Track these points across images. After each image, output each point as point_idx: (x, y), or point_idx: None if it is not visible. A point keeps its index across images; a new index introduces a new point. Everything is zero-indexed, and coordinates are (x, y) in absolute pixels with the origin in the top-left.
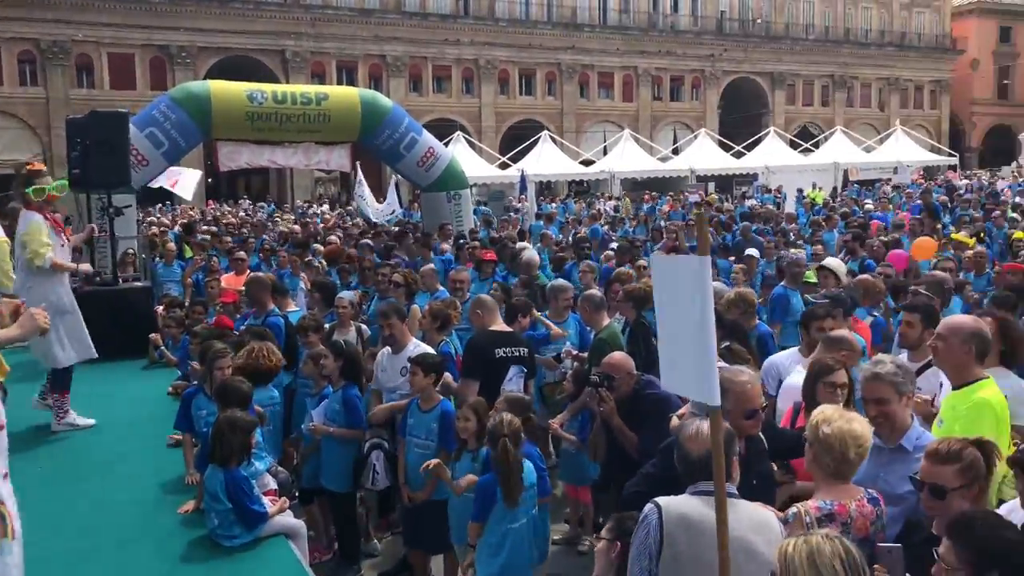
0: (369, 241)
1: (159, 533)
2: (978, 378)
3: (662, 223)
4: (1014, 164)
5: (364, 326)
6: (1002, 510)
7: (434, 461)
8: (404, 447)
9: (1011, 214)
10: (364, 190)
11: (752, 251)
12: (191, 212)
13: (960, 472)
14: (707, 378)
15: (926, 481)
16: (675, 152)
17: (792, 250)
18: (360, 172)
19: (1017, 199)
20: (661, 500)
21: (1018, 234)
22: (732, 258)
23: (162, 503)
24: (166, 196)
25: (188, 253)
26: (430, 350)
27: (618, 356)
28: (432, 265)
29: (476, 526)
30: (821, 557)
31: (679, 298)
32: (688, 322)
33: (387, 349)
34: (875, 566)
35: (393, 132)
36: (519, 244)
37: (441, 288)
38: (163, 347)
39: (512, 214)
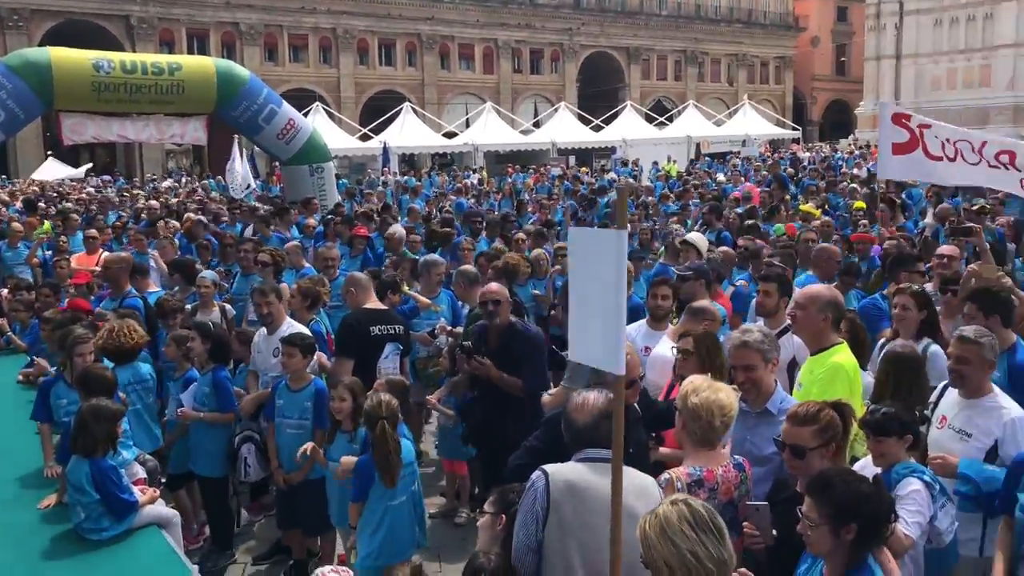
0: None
1: (18, 531)
2: (833, 344)
3: (526, 197)
4: (851, 137)
5: (228, 306)
6: (856, 466)
7: (309, 445)
8: (274, 430)
9: (851, 185)
10: (237, 164)
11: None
12: (33, 187)
13: (818, 433)
14: (614, 349)
15: (787, 442)
16: (536, 125)
17: (674, 225)
18: (237, 146)
19: (855, 171)
20: (548, 467)
21: (858, 204)
22: None
23: (20, 499)
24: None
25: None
26: (304, 329)
27: (495, 284)
28: (297, 242)
29: (356, 507)
30: (670, 526)
31: (594, 270)
32: (601, 294)
33: (263, 330)
34: (744, 523)
35: (251, 104)
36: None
37: (307, 265)
38: (10, 333)
39: (378, 187)
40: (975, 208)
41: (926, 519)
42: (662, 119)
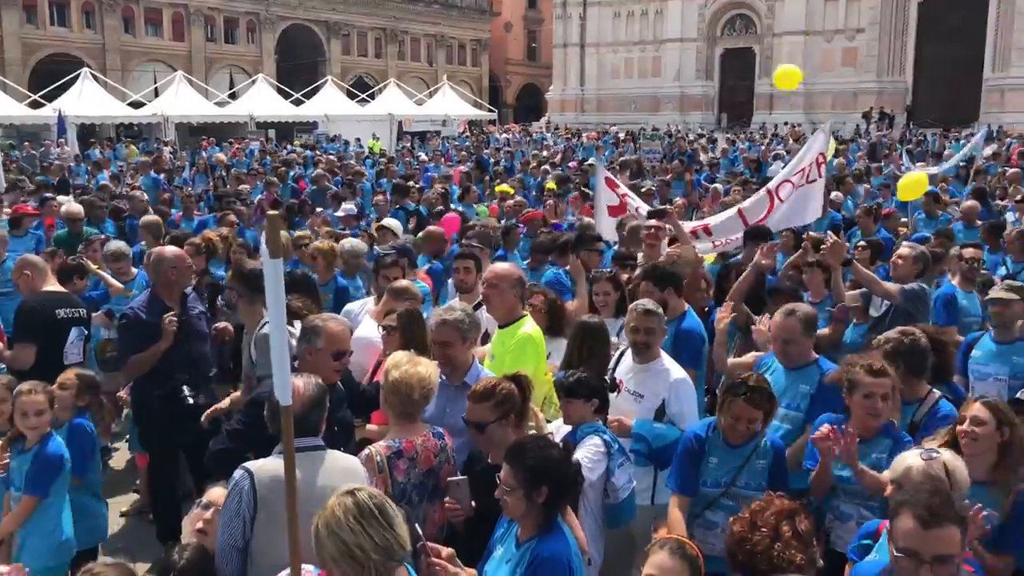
0: None
1: None
2: (521, 316)
3: (223, 173)
4: (543, 119)
5: None
6: (551, 427)
7: None
8: None
9: (544, 166)
10: None
11: (350, 206)
12: None
13: (495, 407)
14: (281, 378)
15: (469, 419)
16: (232, 97)
17: (379, 198)
18: None
19: (545, 153)
20: (251, 465)
21: (550, 184)
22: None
23: None
24: None
25: None
26: None
27: None
28: None
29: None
30: (336, 522)
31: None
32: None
33: None
34: (445, 499)
35: None
36: (60, 197)
37: None
38: None
39: (52, 160)
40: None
41: (600, 469)
42: (364, 96)
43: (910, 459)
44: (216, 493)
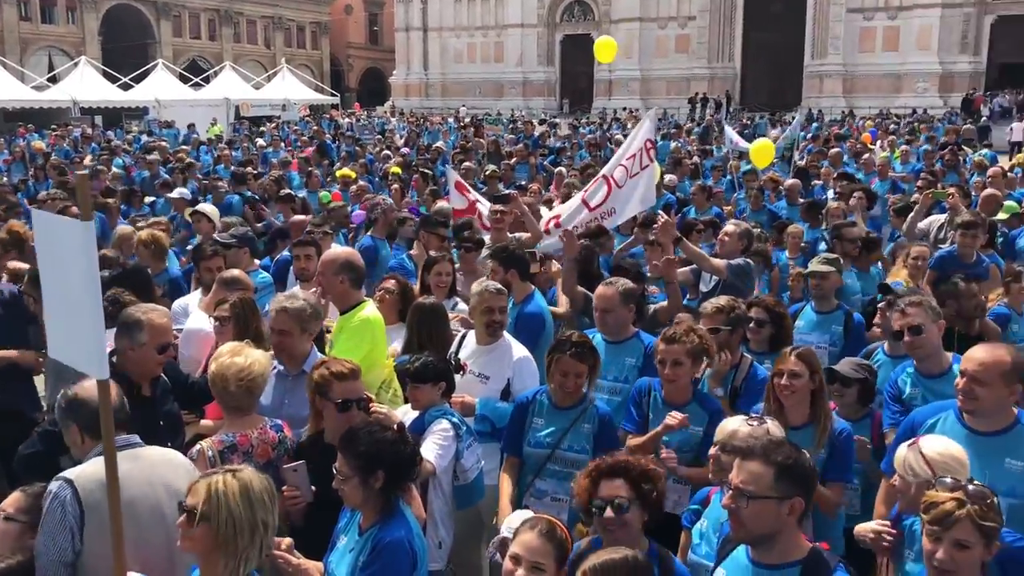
0: None
1: None
2: (359, 302)
3: (39, 160)
4: (388, 104)
5: None
6: (399, 412)
7: None
8: None
9: (385, 151)
10: None
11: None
12: None
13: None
14: (95, 350)
15: (345, 398)
16: (52, 81)
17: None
18: None
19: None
20: (69, 474)
21: (395, 169)
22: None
23: None
24: None
25: None
26: None
27: None
28: None
29: None
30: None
31: (64, 263)
32: (74, 289)
33: None
34: (283, 488)
35: None
36: None
37: None
38: None
39: None
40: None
41: (450, 452)
42: (198, 80)
43: (734, 423)
44: (11, 500)
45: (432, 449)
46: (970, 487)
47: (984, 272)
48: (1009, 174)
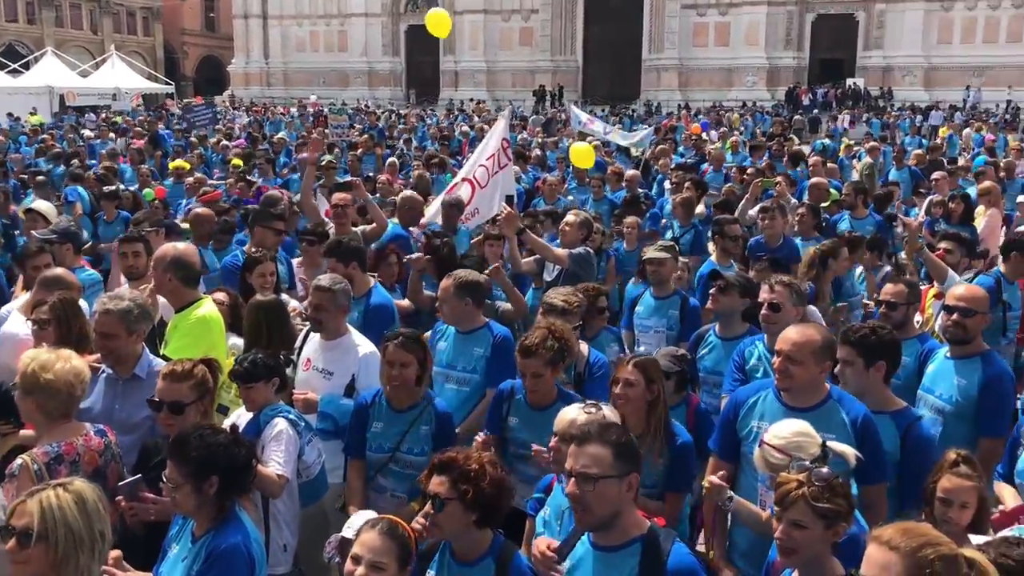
0: None
1: None
2: (194, 300)
3: None
4: (226, 93)
5: None
6: (234, 415)
7: None
8: None
9: (224, 142)
10: None
11: None
12: None
13: (193, 388)
14: None
15: (165, 400)
16: None
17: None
18: None
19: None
20: None
21: (235, 161)
22: None
23: None
24: None
25: None
26: None
27: None
28: None
29: None
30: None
31: None
32: None
33: None
34: (118, 499)
35: None
36: None
37: None
38: None
39: None
40: None
41: (294, 455)
42: (16, 66)
43: (572, 412)
44: None
45: (276, 458)
46: (818, 471)
47: (790, 253)
48: (831, 164)
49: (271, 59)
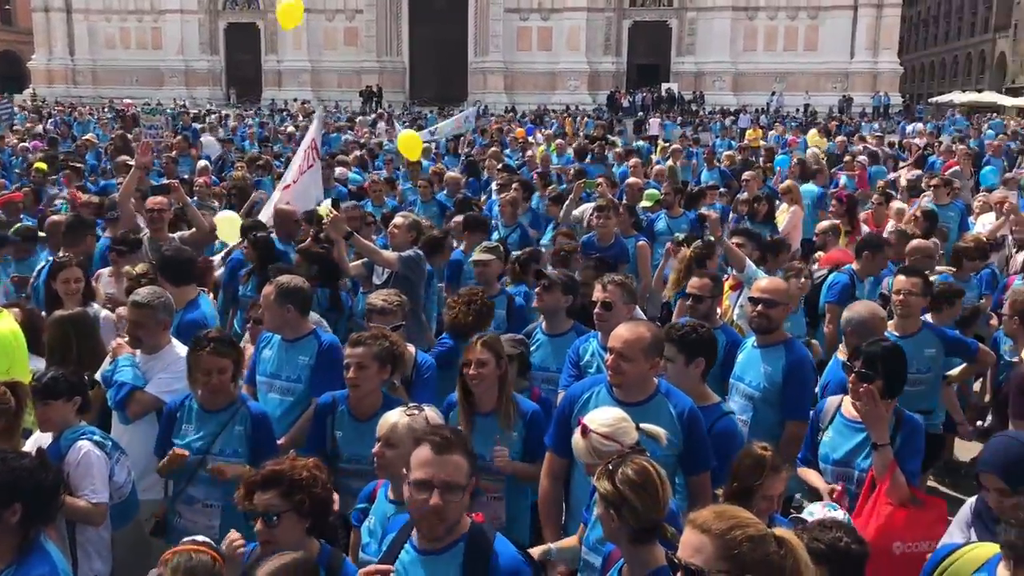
0: None
1: None
2: None
3: None
4: (28, 90)
5: None
6: (32, 439)
7: None
8: None
9: (23, 144)
10: None
11: None
12: None
13: None
14: None
15: None
16: None
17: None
18: None
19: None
20: None
21: (39, 165)
22: None
23: None
24: None
25: None
26: None
27: None
28: None
29: None
30: None
31: None
32: None
33: None
34: None
35: None
36: None
37: None
38: None
39: None
40: None
41: (106, 478)
42: None
43: (394, 416)
44: None
45: (89, 485)
46: (618, 459)
47: (620, 252)
48: (655, 166)
49: (77, 56)
